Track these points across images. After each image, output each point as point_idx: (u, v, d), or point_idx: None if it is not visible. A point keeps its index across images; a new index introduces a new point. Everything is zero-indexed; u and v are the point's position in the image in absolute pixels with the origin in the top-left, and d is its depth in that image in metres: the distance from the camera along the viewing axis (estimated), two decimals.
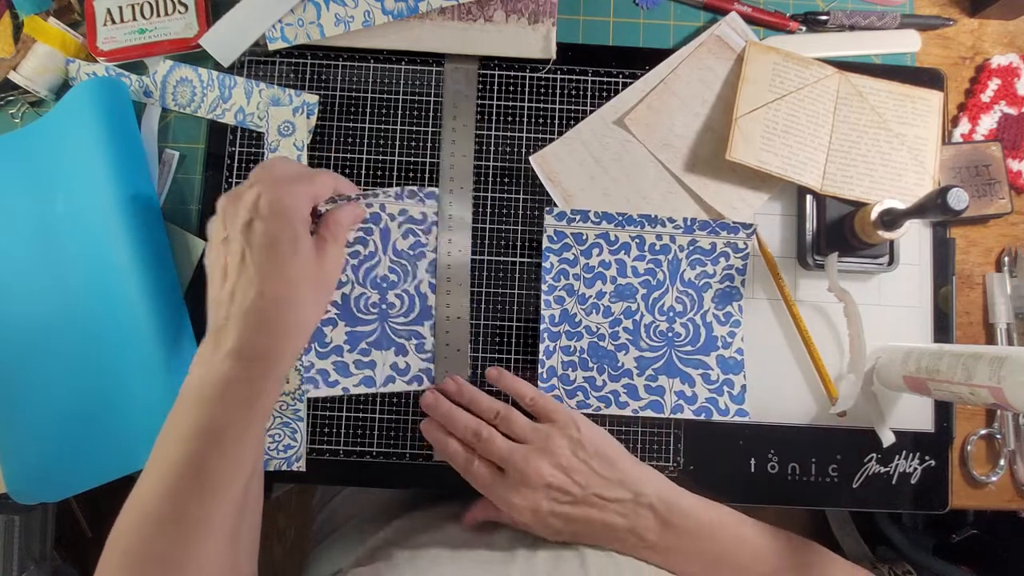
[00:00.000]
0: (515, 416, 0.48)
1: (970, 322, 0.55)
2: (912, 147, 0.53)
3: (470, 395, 0.50)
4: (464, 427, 0.48)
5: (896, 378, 0.49)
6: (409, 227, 0.52)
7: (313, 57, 0.54)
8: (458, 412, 0.49)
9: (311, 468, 0.51)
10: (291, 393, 0.51)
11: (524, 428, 0.47)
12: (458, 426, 0.48)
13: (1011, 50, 0.57)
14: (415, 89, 0.54)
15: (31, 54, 0.52)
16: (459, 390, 0.50)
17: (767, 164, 0.52)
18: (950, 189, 0.42)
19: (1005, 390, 0.39)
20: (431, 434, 0.50)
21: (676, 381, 0.52)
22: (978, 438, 0.53)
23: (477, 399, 0.49)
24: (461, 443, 0.48)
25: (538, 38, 0.53)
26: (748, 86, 0.53)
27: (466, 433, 0.48)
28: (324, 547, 0.63)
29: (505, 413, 0.48)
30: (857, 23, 0.56)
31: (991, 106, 0.55)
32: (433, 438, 0.50)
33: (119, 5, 0.52)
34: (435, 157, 0.54)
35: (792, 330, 0.53)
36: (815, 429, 0.52)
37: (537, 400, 0.49)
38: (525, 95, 0.54)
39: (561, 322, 0.52)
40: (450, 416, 0.49)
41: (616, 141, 0.54)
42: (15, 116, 0.54)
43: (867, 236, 0.50)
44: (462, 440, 0.48)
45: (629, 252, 0.53)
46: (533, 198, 0.54)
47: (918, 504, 0.52)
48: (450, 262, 0.52)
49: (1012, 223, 0.56)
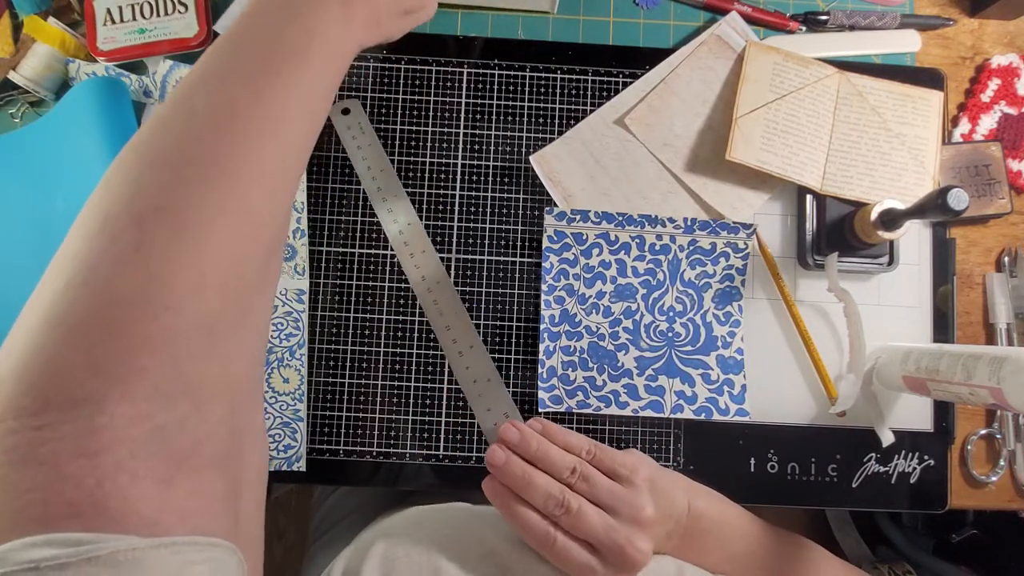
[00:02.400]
0: (596, 475, 0.42)
1: (970, 322, 0.55)
2: (912, 147, 0.53)
3: (538, 449, 0.42)
4: (546, 497, 0.40)
5: (896, 378, 0.49)
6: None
7: None
8: (537, 477, 0.41)
9: (311, 468, 0.51)
10: (291, 393, 0.51)
11: (606, 490, 0.41)
12: (538, 496, 0.40)
13: (1011, 50, 0.57)
14: (414, 89, 0.54)
15: (31, 54, 0.52)
16: (524, 441, 0.43)
17: (767, 164, 0.52)
18: (950, 189, 0.42)
19: (1005, 390, 0.39)
20: (500, 500, 0.42)
21: (676, 381, 0.52)
22: (978, 438, 0.53)
23: (548, 454, 0.42)
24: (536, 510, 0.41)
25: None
26: (748, 86, 0.53)
27: (548, 504, 0.40)
28: (321, 545, 0.64)
29: (584, 471, 0.42)
30: (857, 23, 0.56)
31: (991, 106, 0.55)
32: (502, 505, 0.42)
33: (119, 5, 0.52)
34: (428, 157, 0.54)
35: (792, 330, 0.53)
36: (815, 429, 0.52)
37: (595, 452, 0.44)
38: (525, 95, 0.54)
39: (561, 322, 0.52)
40: (527, 483, 0.41)
41: (616, 141, 0.54)
42: (15, 116, 0.54)
43: (867, 236, 0.50)
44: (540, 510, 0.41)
45: (629, 252, 0.53)
46: (533, 198, 0.54)
47: (917, 504, 0.52)
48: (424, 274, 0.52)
49: (1012, 223, 0.56)
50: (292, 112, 0.34)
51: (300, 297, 0.52)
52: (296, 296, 0.52)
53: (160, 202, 0.28)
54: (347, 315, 0.52)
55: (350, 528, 0.60)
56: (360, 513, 0.63)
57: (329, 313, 0.52)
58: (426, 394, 0.52)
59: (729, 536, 0.47)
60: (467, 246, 0.53)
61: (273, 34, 0.34)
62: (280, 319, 0.51)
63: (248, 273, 0.30)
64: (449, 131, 0.54)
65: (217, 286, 0.28)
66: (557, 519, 0.40)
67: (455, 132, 0.54)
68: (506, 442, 0.43)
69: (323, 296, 0.52)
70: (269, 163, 0.32)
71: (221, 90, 0.32)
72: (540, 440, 0.43)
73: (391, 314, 0.52)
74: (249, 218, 0.30)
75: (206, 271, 0.28)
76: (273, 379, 0.51)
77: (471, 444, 0.51)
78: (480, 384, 0.51)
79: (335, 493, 0.68)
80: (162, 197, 0.28)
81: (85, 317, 0.25)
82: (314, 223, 0.53)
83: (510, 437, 0.43)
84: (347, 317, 0.52)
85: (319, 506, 0.69)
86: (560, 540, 0.40)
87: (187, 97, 0.32)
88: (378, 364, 0.52)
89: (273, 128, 0.32)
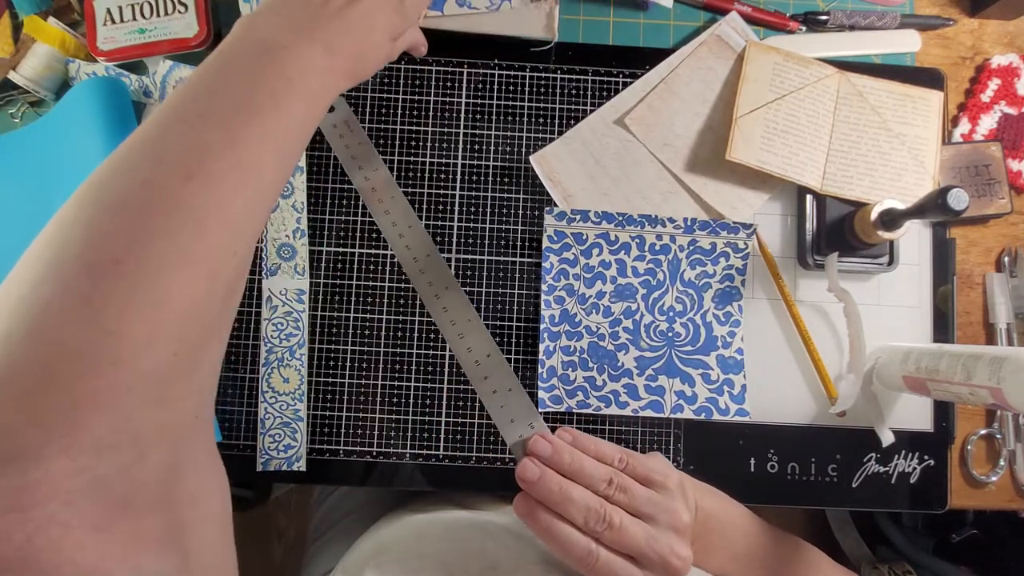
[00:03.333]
0: (633, 485, 0.40)
1: (970, 322, 0.55)
2: (912, 147, 0.53)
3: (572, 462, 0.40)
4: (586, 512, 0.38)
5: (896, 378, 0.49)
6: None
7: None
8: (575, 491, 0.39)
9: (311, 468, 0.51)
10: (291, 393, 0.51)
11: (645, 500, 0.39)
12: (577, 512, 0.38)
13: (1011, 50, 0.57)
14: (414, 89, 0.54)
15: (31, 54, 0.52)
16: (556, 453, 0.40)
17: (767, 164, 0.52)
18: (950, 189, 0.42)
19: (1005, 390, 0.39)
20: (535, 517, 0.39)
21: (676, 381, 0.52)
22: (978, 438, 0.53)
23: (583, 467, 0.40)
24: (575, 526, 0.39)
25: (540, 16, 0.53)
26: (748, 86, 0.53)
27: (589, 520, 0.38)
28: (320, 545, 0.64)
29: (620, 481, 0.40)
30: (857, 23, 0.56)
31: (991, 106, 0.55)
32: (537, 521, 0.39)
33: (119, 5, 0.52)
34: (428, 157, 0.54)
35: (792, 330, 0.53)
36: (815, 429, 0.52)
37: (628, 460, 0.42)
38: (525, 95, 0.54)
39: (561, 322, 0.52)
40: (564, 497, 0.38)
41: (616, 141, 0.54)
42: (15, 116, 0.54)
43: (867, 236, 0.50)
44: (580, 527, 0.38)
45: (629, 252, 0.53)
46: (533, 198, 0.54)
47: (917, 504, 0.52)
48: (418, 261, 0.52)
49: (1012, 223, 0.56)
50: (267, 158, 0.32)
51: (300, 297, 0.52)
52: (296, 296, 0.52)
53: (118, 254, 0.26)
54: (347, 315, 0.52)
55: (350, 528, 0.60)
56: (360, 513, 0.63)
57: (329, 313, 0.52)
58: (426, 394, 0.52)
59: (733, 536, 0.47)
60: (467, 246, 0.53)
61: (251, 78, 0.33)
62: (280, 319, 0.51)
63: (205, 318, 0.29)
64: (449, 131, 0.54)
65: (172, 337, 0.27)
66: (599, 535, 0.38)
67: (455, 132, 0.54)
68: (537, 455, 0.40)
69: (323, 296, 0.52)
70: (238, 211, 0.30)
71: (194, 134, 0.31)
72: (573, 452, 0.40)
73: (391, 314, 0.52)
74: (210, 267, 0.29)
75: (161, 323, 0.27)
76: (273, 379, 0.51)
77: (471, 444, 0.51)
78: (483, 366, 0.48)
79: (335, 493, 0.68)
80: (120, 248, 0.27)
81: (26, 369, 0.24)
82: (314, 223, 0.53)
83: (541, 450, 0.40)
84: (347, 317, 0.52)
85: (319, 506, 0.69)
86: (604, 556, 0.37)
87: (157, 138, 0.30)
88: (378, 364, 0.52)
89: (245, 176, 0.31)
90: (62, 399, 0.24)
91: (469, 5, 0.52)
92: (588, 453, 0.41)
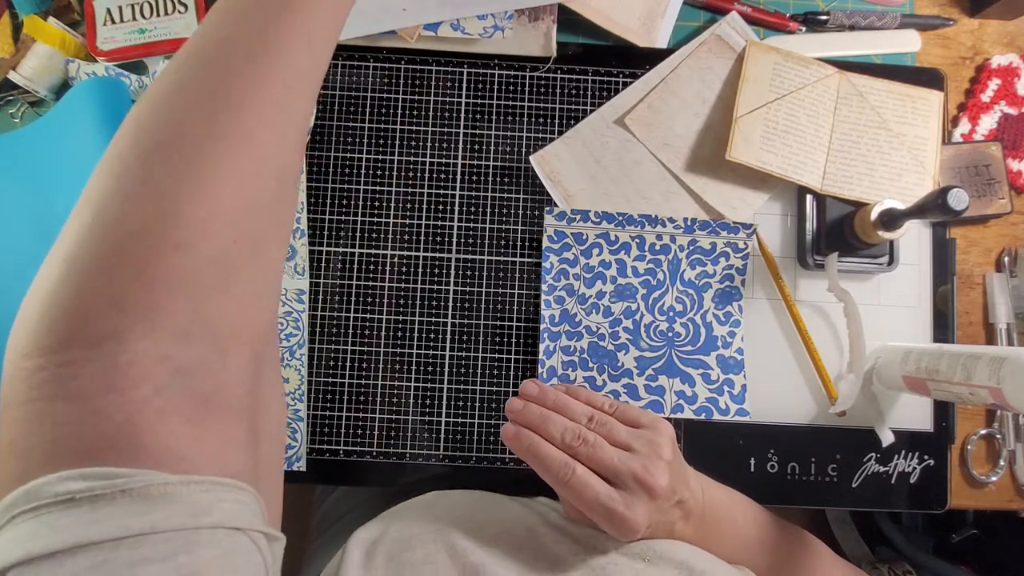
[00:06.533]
0: (614, 421, 0.43)
1: (970, 322, 0.55)
2: (912, 147, 0.53)
3: (556, 400, 0.43)
4: (563, 430, 0.41)
5: (896, 378, 0.49)
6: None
7: None
8: (554, 415, 0.42)
9: (311, 468, 0.51)
10: (291, 393, 0.51)
11: (624, 433, 0.42)
12: (555, 430, 0.41)
13: (1011, 50, 0.57)
14: (414, 89, 0.54)
15: (31, 54, 0.52)
16: (542, 394, 0.44)
17: (767, 164, 0.52)
18: (950, 189, 0.42)
19: (1005, 390, 0.39)
20: (518, 438, 0.42)
21: (676, 381, 0.52)
22: (978, 438, 0.53)
23: (567, 404, 0.43)
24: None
25: (538, 36, 0.53)
26: (748, 86, 0.53)
27: (565, 436, 0.41)
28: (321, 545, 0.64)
29: (600, 417, 0.42)
30: (857, 23, 0.56)
31: (991, 106, 0.55)
32: (520, 441, 0.42)
33: (119, 5, 0.52)
34: (428, 157, 0.54)
35: (792, 330, 0.53)
36: (815, 429, 0.52)
37: (617, 407, 0.44)
38: (525, 95, 0.54)
39: (561, 322, 0.52)
40: (544, 419, 0.42)
41: (616, 141, 0.54)
42: (15, 116, 0.54)
43: (867, 236, 0.50)
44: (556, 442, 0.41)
45: (629, 252, 0.53)
46: (533, 198, 0.54)
47: (917, 504, 0.52)
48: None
49: (1012, 223, 0.56)
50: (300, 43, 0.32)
51: (300, 297, 0.52)
52: (296, 296, 0.52)
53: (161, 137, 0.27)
54: (347, 315, 0.52)
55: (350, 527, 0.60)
56: (360, 513, 0.63)
57: (329, 313, 0.52)
58: (426, 394, 0.52)
59: (743, 523, 0.47)
60: (467, 246, 0.53)
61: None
62: (280, 319, 0.51)
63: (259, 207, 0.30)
64: (449, 131, 0.54)
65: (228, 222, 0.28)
66: (575, 451, 0.40)
67: (455, 132, 0.54)
68: (525, 396, 0.44)
69: (323, 296, 0.52)
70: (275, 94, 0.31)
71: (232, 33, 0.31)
72: (558, 393, 0.44)
73: (391, 314, 0.52)
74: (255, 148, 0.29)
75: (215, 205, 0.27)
76: None
77: (471, 444, 0.51)
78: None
79: (335, 492, 0.68)
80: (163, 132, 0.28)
81: (97, 252, 0.25)
82: (314, 223, 0.53)
83: (529, 391, 0.44)
84: (347, 317, 0.52)
85: (319, 505, 0.69)
86: (579, 471, 0.39)
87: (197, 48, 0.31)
88: (378, 364, 0.52)
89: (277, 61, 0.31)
90: (136, 282, 0.24)
91: (464, 31, 0.52)
92: (579, 399, 0.44)
